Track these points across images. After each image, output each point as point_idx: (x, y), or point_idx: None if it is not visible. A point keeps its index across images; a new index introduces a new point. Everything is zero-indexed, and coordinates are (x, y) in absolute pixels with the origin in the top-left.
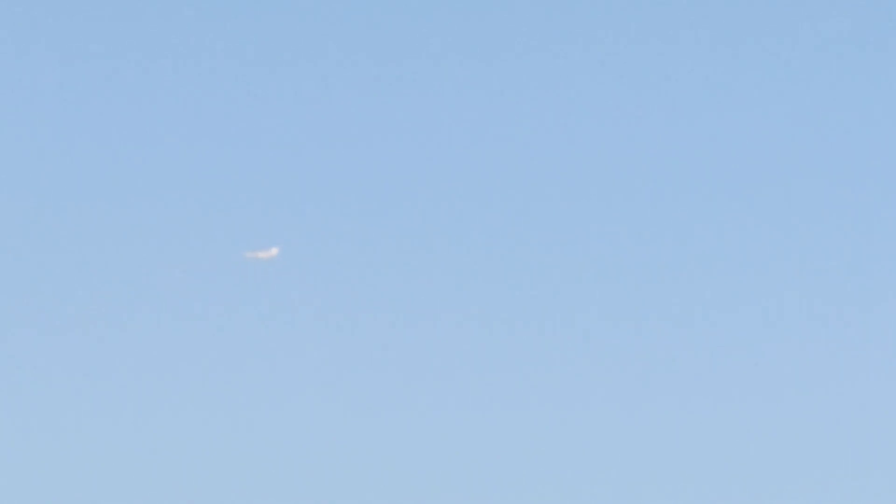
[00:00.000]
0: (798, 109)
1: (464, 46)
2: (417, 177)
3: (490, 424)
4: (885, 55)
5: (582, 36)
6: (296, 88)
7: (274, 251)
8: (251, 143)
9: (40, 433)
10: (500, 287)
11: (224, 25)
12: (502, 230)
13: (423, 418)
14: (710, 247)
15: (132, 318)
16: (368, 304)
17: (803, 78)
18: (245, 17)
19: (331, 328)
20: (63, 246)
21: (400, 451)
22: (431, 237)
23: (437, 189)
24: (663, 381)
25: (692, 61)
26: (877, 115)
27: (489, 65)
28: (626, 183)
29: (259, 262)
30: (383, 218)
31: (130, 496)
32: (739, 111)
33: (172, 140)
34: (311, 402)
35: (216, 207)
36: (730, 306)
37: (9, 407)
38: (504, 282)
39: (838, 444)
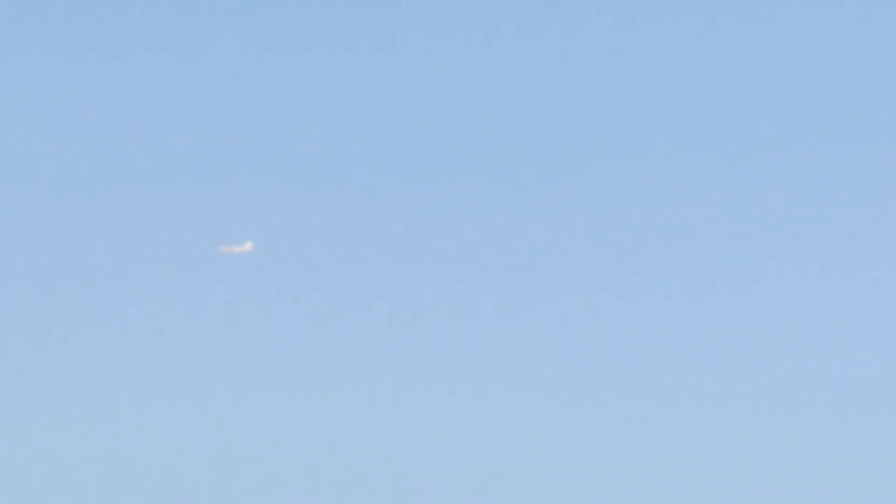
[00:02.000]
0: (797, 108)
1: (442, 41)
2: (393, 172)
3: (468, 416)
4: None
5: (576, 33)
6: (270, 86)
7: (248, 246)
8: (226, 139)
9: (11, 427)
10: (477, 282)
11: (198, 25)
12: (481, 226)
13: (395, 409)
14: (706, 243)
15: (108, 312)
16: (343, 297)
17: (802, 77)
18: (220, 18)
19: (305, 321)
20: (38, 243)
21: (374, 441)
22: (408, 231)
23: (414, 184)
24: (660, 377)
25: (691, 60)
26: (877, 114)
27: (469, 60)
28: (616, 176)
29: (233, 256)
30: (358, 212)
31: (102, 487)
32: (738, 110)
33: (148, 138)
34: (285, 393)
35: (191, 203)
36: (726, 303)
37: None
38: (481, 278)
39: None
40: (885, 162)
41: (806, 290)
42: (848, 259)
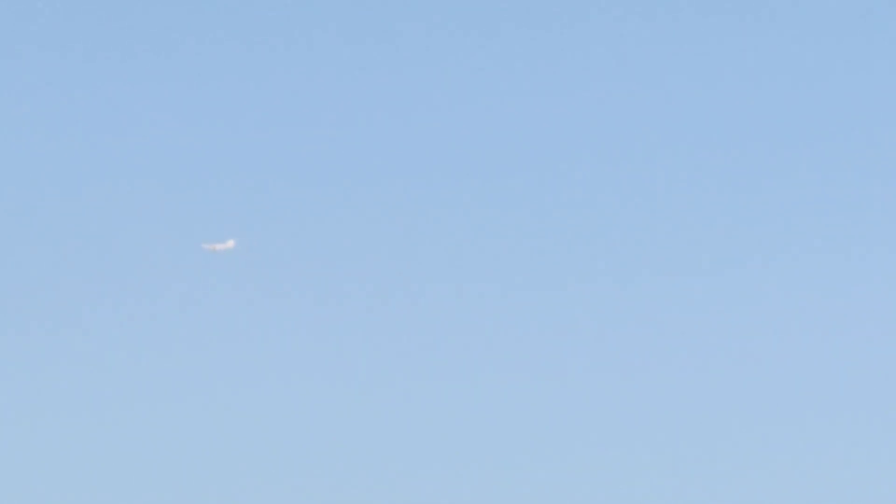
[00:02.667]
0: (798, 107)
1: (434, 39)
2: (375, 169)
3: (456, 411)
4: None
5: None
6: (251, 86)
7: (231, 243)
8: (208, 138)
9: None
10: (463, 278)
11: (178, 25)
12: (465, 222)
13: (378, 403)
14: (707, 242)
15: (91, 310)
16: (325, 293)
17: (803, 75)
18: (205, 19)
19: (287, 317)
20: (18, 242)
21: (357, 435)
22: (391, 227)
23: (397, 181)
24: (661, 375)
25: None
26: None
27: (454, 57)
28: (616, 175)
29: (216, 253)
30: (340, 209)
31: (83, 484)
32: (737, 109)
33: (130, 138)
34: (267, 388)
35: (175, 202)
36: (727, 302)
37: None
38: (467, 274)
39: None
40: (886, 161)
41: (804, 287)
42: (848, 259)
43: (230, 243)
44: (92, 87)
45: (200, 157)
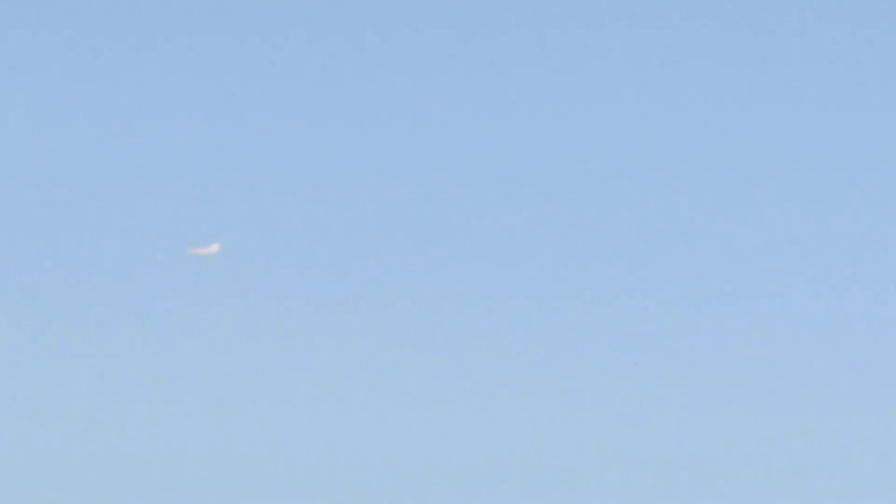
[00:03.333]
0: (798, 106)
1: (420, 38)
2: (365, 170)
3: (446, 421)
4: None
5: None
6: (237, 82)
7: (215, 247)
8: (191, 137)
9: None
10: (460, 285)
11: (156, 24)
12: (463, 227)
13: (367, 413)
14: (708, 243)
15: (72, 318)
16: (312, 299)
17: (803, 74)
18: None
19: (272, 325)
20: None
21: (345, 446)
22: (381, 231)
23: (387, 183)
24: (662, 376)
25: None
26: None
27: (439, 50)
28: (621, 179)
29: (201, 258)
30: (329, 212)
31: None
32: (739, 107)
33: (111, 138)
34: (251, 398)
35: (158, 203)
36: (729, 303)
37: None
38: (466, 282)
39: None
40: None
41: (812, 296)
42: (855, 267)
43: (214, 247)
44: (70, 87)
45: (184, 159)
